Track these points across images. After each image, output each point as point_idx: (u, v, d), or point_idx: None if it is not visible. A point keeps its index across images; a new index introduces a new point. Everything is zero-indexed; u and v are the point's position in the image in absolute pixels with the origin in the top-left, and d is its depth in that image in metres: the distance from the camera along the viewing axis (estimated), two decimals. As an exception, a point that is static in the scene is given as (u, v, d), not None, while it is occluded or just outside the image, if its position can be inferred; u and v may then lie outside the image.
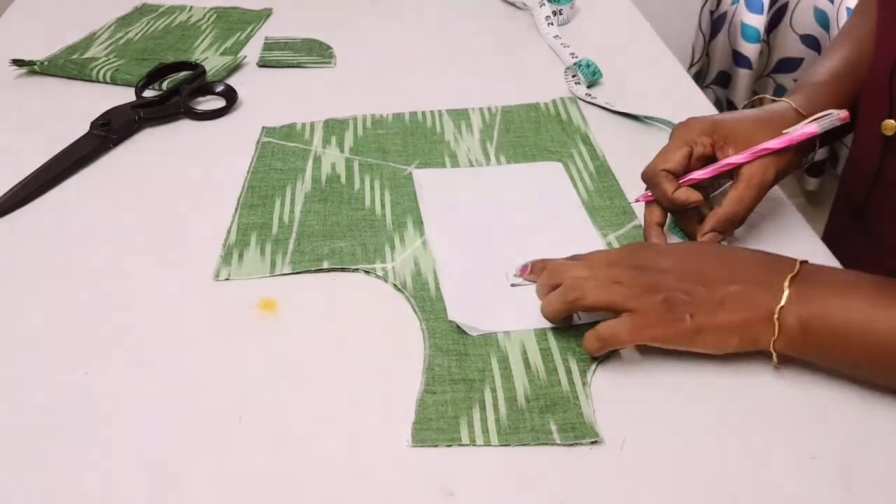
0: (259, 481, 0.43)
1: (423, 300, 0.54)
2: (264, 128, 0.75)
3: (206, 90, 0.80)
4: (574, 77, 0.81)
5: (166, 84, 0.80)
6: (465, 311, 0.53)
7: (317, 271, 0.57)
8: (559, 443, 0.45)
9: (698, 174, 0.57)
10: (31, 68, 0.84)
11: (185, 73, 0.82)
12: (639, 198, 0.60)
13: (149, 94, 0.79)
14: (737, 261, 0.50)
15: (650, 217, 0.58)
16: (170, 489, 0.43)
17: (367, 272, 0.57)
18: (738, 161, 0.56)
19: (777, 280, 0.47)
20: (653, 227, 0.58)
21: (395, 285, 0.56)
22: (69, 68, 0.83)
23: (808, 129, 0.56)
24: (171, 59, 0.86)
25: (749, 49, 1.68)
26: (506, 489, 0.43)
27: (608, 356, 0.50)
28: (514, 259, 0.56)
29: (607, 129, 0.74)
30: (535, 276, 0.54)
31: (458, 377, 0.49)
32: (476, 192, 0.66)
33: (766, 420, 0.46)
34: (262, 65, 0.86)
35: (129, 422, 0.47)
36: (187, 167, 0.70)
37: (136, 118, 0.74)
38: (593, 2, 1.00)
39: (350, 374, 0.49)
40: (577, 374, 0.49)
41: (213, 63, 0.84)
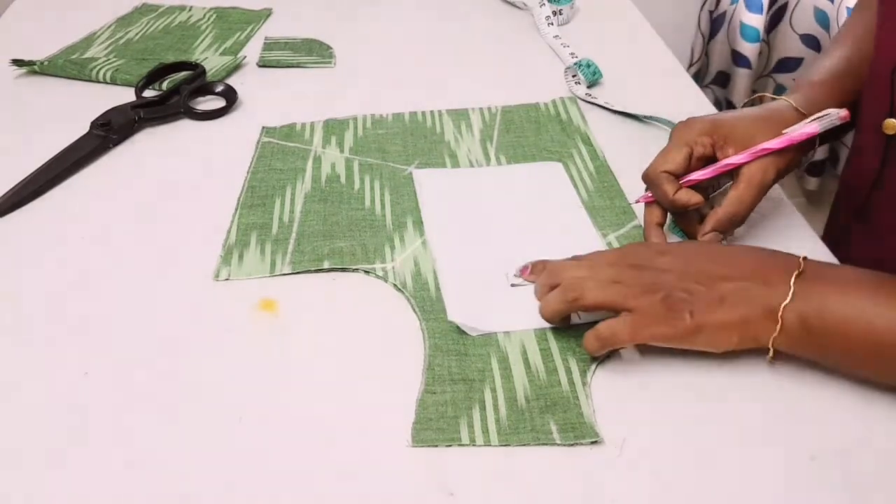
0: (259, 481, 0.43)
1: (423, 300, 0.54)
2: (264, 128, 0.75)
3: (206, 90, 0.80)
4: (574, 77, 0.81)
5: (166, 84, 0.80)
6: (465, 311, 0.53)
7: (317, 271, 0.57)
8: (559, 443, 0.45)
9: (698, 175, 0.57)
10: (31, 68, 0.84)
11: (184, 73, 0.82)
12: (639, 199, 0.60)
13: (149, 94, 0.79)
14: (736, 258, 0.50)
15: (650, 217, 0.58)
16: (170, 489, 0.43)
17: (367, 272, 0.57)
18: (737, 161, 0.56)
19: (779, 277, 0.47)
20: (653, 228, 0.58)
21: (395, 285, 0.56)
22: (69, 68, 0.83)
23: (808, 129, 0.56)
24: (171, 59, 0.86)
25: (748, 49, 1.68)
26: (506, 489, 0.43)
27: (608, 356, 0.50)
28: (514, 259, 0.56)
29: (607, 129, 0.74)
30: (535, 276, 0.54)
31: (458, 377, 0.49)
32: (476, 192, 0.65)
33: (765, 420, 0.46)
34: (262, 65, 0.86)
35: (129, 422, 0.47)
36: (187, 167, 0.70)
37: (136, 118, 0.74)
38: (593, 2, 1.00)
39: (350, 374, 0.49)
40: (577, 374, 0.49)
41: (213, 63, 0.84)
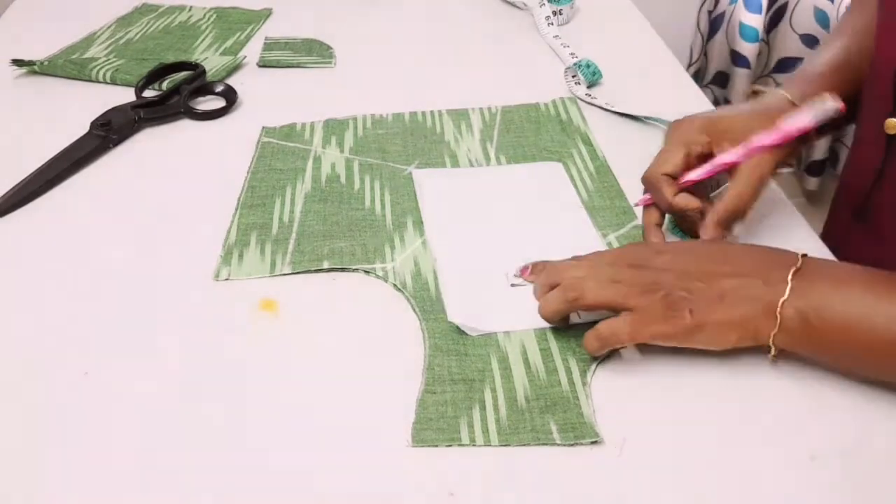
0: (259, 481, 0.43)
1: (423, 300, 0.54)
2: (264, 128, 0.75)
3: (206, 90, 0.80)
4: (574, 77, 0.81)
5: (166, 84, 0.80)
6: (464, 311, 0.53)
7: (317, 271, 0.57)
8: (559, 443, 0.45)
9: (696, 175, 0.57)
10: (31, 68, 0.84)
11: (185, 73, 0.82)
12: (639, 202, 0.60)
13: (149, 94, 0.79)
14: (735, 256, 0.50)
15: (649, 218, 0.58)
16: (170, 489, 0.43)
17: (367, 272, 0.57)
18: (733, 160, 0.56)
19: (778, 274, 0.47)
20: (652, 228, 0.58)
21: (395, 285, 0.56)
22: (69, 68, 0.83)
23: (801, 121, 0.56)
24: (171, 59, 0.86)
25: (747, 49, 1.68)
26: (506, 489, 0.43)
27: (608, 356, 0.50)
28: (514, 259, 0.56)
29: (607, 129, 0.74)
30: (535, 276, 0.54)
31: (458, 377, 0.49)
32: (476, 192, 0.65)
33: (765, 420, 0.46)
34: (262, 65, 0.86)
35: (129, 422, 0.47)
36: (187, 167, 0.70)
37: (136, 118, 0.74)
38: (593, 2, 1.00)
39: (350, 374, 0.49)
40: (577, 374, 0.49)
41: (213, 63, 0.84)
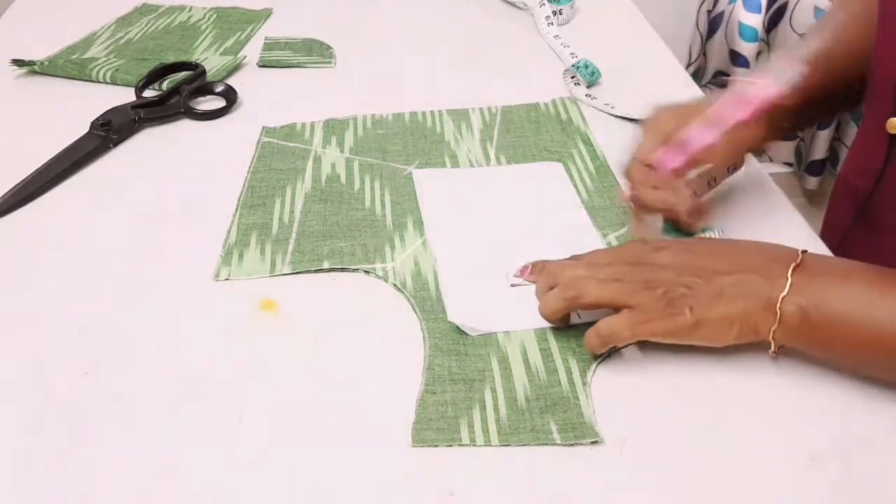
0: (259, 481, 0.43)
1: (423, 300, 0.54)
2: (264, 128, 0.75)
3: (206, 90, 0.80)
4: (573, 78, 0.81)
5: (166, 84, 0.80)
6: (464, 311, 0.53)
7: (317, 271, 0.57)
8: (559, 443, 0.45)
9: (675, 164, 0.56)
10: (31, 68, 0.84)
11: (185, 73, 0.82)
12: (624, 196, 0.59)
13: (149, 94, 0.79)
14: (734, 252, 0.50)
15: (635, 213, 0.58)
16: (170, 489, 0.43)
17: (367, 272, 0.57)
18: (709, 141, 0.56)
19: (777, 269, 0.47)
20: (639, 223, 0.58)
21: (395, 285, 0.56)
22: (69, 68, 0.83)
23: (768, 89, 0.56)
24: (171, 59, 0.86)
25: (747, 48, 1.68)
26: (506, 489, 0.43)
27: (609, 355, 0.50)
28: (514, 259, 0.56)
29: (607, 130, 0.74)
30: (535, 276, 0.54)
31: (458, 377, 0.49)
32: (476, 192, 0.66)
33: (765, 420, 0.46)
34: (262, 65, 0.86)
35: (129, 422, 0.47)
36: (187, 167, 0.70)
37: (136, 118, 0.74)
38: (593, 2, 1.00)
39: (350, 374, 0.49)
40: (577, 374, 0.49)
41: (213, 63, 0.84)
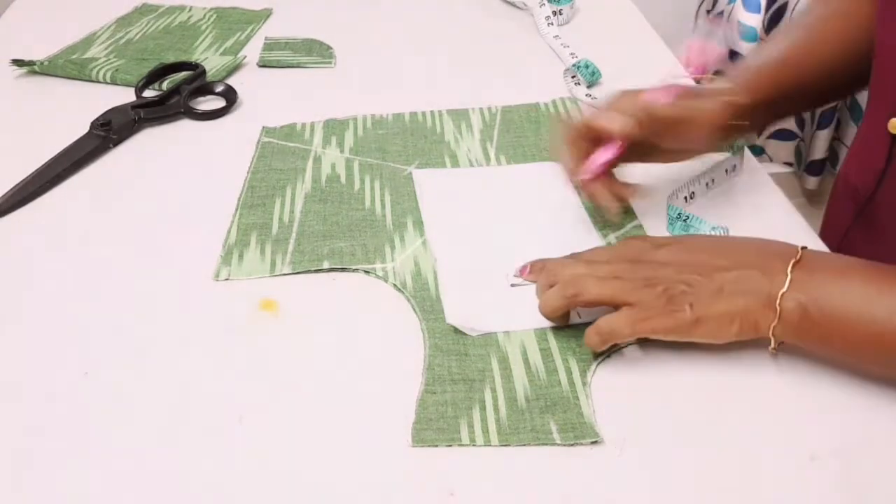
0: (259, 481, 0.43)
1: (423, 300, 0.54)
2: (264, 128, 0.75)
3: (206, 90, 0.80)
4: (574, 78, 0.81)
5: (166, 84, 0.80)
6: (464, 311, 0.53)
7: (317, 271, 0.57)
8: (559, 443, 0.45)
9: (602, 158, 0.57)
10: (31, 68, 0.84)
11: (185, 73, 0.82)
12: (584, 175, 0.58)
13: (149, 94, 0.79)
14: (734, 248, 0.50)
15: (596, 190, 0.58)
16: (170, 489, 0.43)
17: (367, 272, 0.57)
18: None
19: (777, 265, 0.47)
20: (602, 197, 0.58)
21: (395, 285, 0.56)
22: (69, 68, 0.83)
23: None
24: (171, 59, 0.86)
25: (746, 48, 1.68)
26: (506, 489, 0.43)
27: (609, 355, 0.50)
28: (514, 259, 0.56)
29: (607, 129, 0.74)
30: (535, 276, 0.54)
31: (458, 377, 0.49)
32: (476, 192, 0.65)
33: (765, 420, 0.46)
34: (262, 65, 0.86)
35: (129, 422, 0.47)
36: (187, 167, 0.70)
37: (136, 118, 0.74)
38: (593, 2, 1.00)
39: (350, 374, 0.49)
40: (577, 374, 0.49)
41: (213, 63, 0.84)
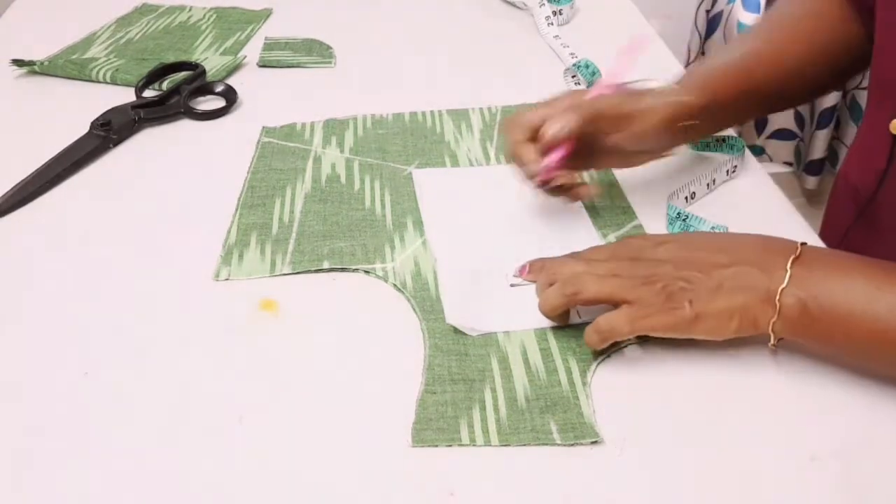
0: (259, 481, 0.43)
1: (423, 300, 0.54)
2: (264, 128, 0.75)
3: (206, 90, 0.80)
4: (574, 78, 0.81)
5: (166, 84, 0.80)
6: (464, 311, 0.53)
7: (317, 271, 0.57)
8: (559, 443, 0.45)
9: (552, 160, 0.56)
10: (31, 68, 0.84)
11: (185, 73, 0.82)
12: (538, 177, 0.57)
13: (149, 94, 0.79)
14: (733, 245, 0.50)
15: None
16: (170, 489, 0.43)
17: (367, 272, 0.57)
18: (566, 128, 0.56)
19: (776, 261, 0.47)
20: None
21: (395, 285, 0.56)
22: (69, 68, 0.83)
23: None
24: (171, 59, 0.86)
25: (747, 48, 1.68)
26: (506, 489, 0.43)
27: (609, 355, 0.50)
28: (514, 259, 0.56)
29: (607, 129, 0.74)
30: (534, 275, 0.54)
31: (458, 377, 0.49)
32: (476, 192, 0.65)
33: (765, 420, 0.46)
34: (262, 65, 0.86)
35: (129, 422, 0.47)
36: (187, 167, 0.70)
37: (136, 118, 0.74)
38: (593, 2, 1.00)
39: (350, 374, 0.49)
40: (577, 374, 0.49)
41: (213, 63, 0.84)
